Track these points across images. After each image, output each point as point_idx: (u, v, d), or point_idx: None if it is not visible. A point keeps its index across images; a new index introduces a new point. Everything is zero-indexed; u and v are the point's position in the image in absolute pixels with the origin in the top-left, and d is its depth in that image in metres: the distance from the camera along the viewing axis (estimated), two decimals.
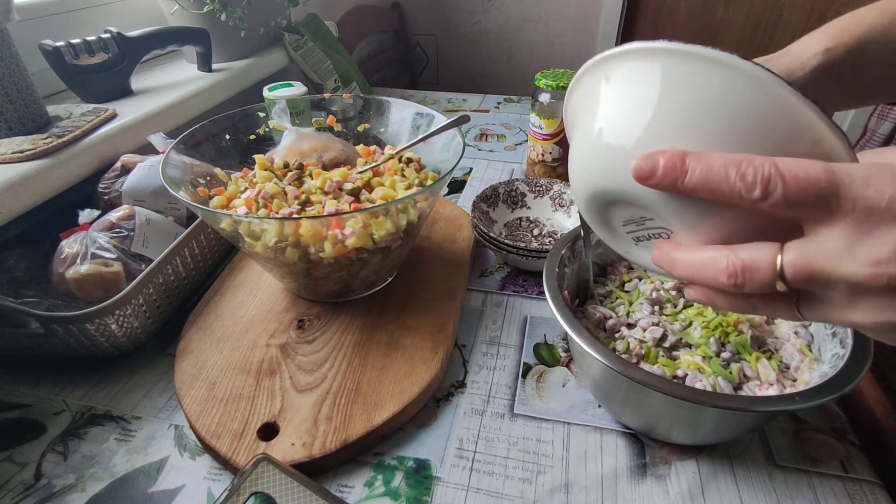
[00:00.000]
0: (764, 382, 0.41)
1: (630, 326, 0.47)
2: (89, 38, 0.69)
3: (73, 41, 0.67)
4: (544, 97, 0.75)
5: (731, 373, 0.42)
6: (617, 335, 0.47)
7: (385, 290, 0.57)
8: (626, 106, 0.25)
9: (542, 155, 0.79)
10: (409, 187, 0.52)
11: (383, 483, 0.42)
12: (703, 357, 0.43)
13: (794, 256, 0.21)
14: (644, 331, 0.46)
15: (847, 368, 0.36)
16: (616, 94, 0.26)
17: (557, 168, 0.80)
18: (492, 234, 0.61)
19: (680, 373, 0.42)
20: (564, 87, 0.73)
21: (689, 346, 0.45)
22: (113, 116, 0.66)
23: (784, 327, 0.46)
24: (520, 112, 1.13)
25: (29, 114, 0.59)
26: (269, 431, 0.43)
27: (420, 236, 0.66)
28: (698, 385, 0.41)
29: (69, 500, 0.40)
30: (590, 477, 0.42)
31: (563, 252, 0.49)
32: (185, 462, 0.43)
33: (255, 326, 0.53)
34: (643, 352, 0.44)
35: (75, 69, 0.68)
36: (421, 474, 0.42)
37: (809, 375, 0.40)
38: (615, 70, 0.26)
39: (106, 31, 0.71)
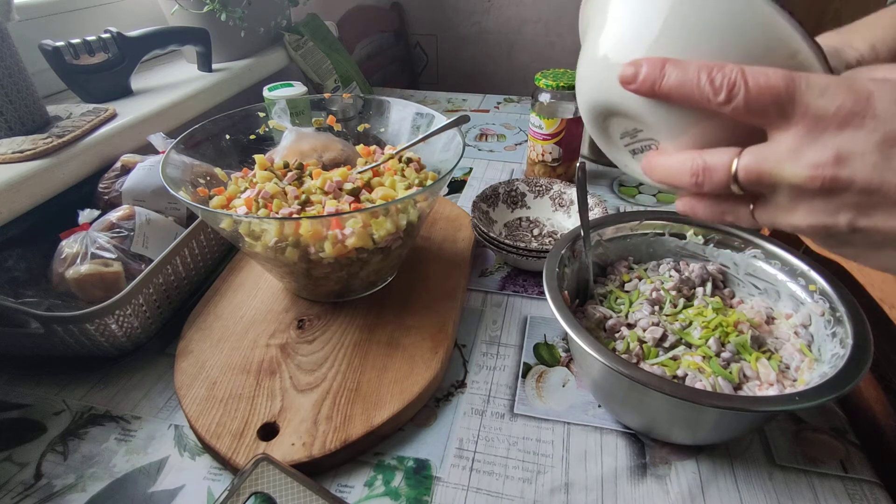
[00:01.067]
0: (764, 382, 0.41)
1: (630, 326, 0.47)
2: (89, 38, 0.69)
3: (73, 41, 0.67)
4: (544, 97, 0.75)
5: (731, 373, 0.42)
6: (617, 335, 0.46)
7: (385, 290, 0.57)
8: (624, 23, 0.28)
9: (542, 155, 0.79)
10: (409, 187, 0.52)
11: (383, 483, 0.42)
12: (703, 357, 0.43)
13: (747, 160, 0.24)
14: (644, 331, 0.45)
15: (847, 368, 0.36)
16: (616, 11, 0.28)
17: (557, 168, 0.80)
18: (492, 234, 0.61)
19: (680, 373, 0.42)
20: (564, 88, 0.73)
21: (689, 345, 0.45)
22: (113, 116, 0.66)
23: (784, 327, 0.46)
24: (520, 112, 1.13)
25: (29, 114, 0.59)
26: (269, 431, 0.43)
27: (420, 236, 0.66)
28: (698, 385, 0.41)
29: (69, 500, 0.40)
30: (590, 477, 0.42)
31: (563, 252, 0.49)
32: (185, 462, 0.43)
33: (255, 326, 0.53)
34: (643, 352, 0.44)
35: (75, 69, 0.68)
36: (421, 474, 0.42)
37: (809, 375, 0.40)
38: None
39: (106, 31, 0.71)
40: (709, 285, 0.50)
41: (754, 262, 0.50)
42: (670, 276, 0.51)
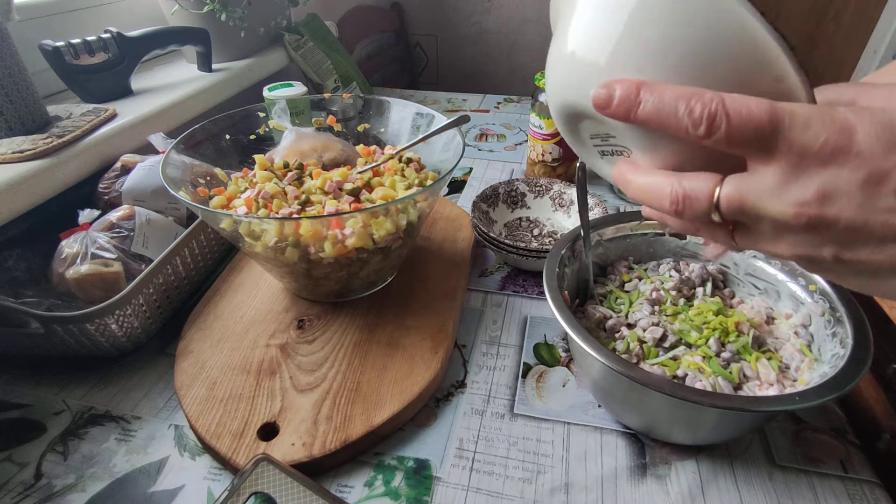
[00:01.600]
0: (764, 382, 0.41)
1: (630, 326, 0.47)
2: (89, 38, 0.69)
3: (73, 41, 0.67)
4: (544, 97, 0.75)
5: (731, 373, 0.41)
6: (617, 335, 0.47)
7: (385, 290, 0.57)
8: (597, 23, 0.25)
9: (542, 155, 0.79)
10: (409, 187, 0.52)
11: (383, 483, 0.42)
12: (703, 357, 0.43)
13: (729, 190, 0.23)
14: (644, 331, 0.45)
15: (847, 368, 0.36)
16: (589, 8, 0.26)
17: (557, 168, 0.80)
18: (492, 234, 0.61)
19: (680, 373, 0.42)
20: None
21: (689, 345, 0.45)
22: (113, 116, 0.66)
23: (784, 328, 0.46)
24: (520, 112, 1.13)
25: (29, 114, 0.59)
26: (269, 431, 0.43)
27: (420, 236, 0.66)
28: (698, 385, 0.41)
29: (69, 500, 0.40)
30: (590, 477, 0.42)
31: (563, 252, 0.49)
32: (185, 462, 0.43)
33: (255, 326, 0.53)
34: (643, 352, 0.44)
35: (75, 69, 0.68)
36: (421, 474, 0.42)
37: (809, 375, 0.40)
38: None
39: (106, 31, 0.71)
40: (709, 285, 0.50)
41: (754, 262, 0.50)
42: (670, 276, 0.51)
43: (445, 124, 0.55)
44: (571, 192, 0.71)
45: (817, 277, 0.45)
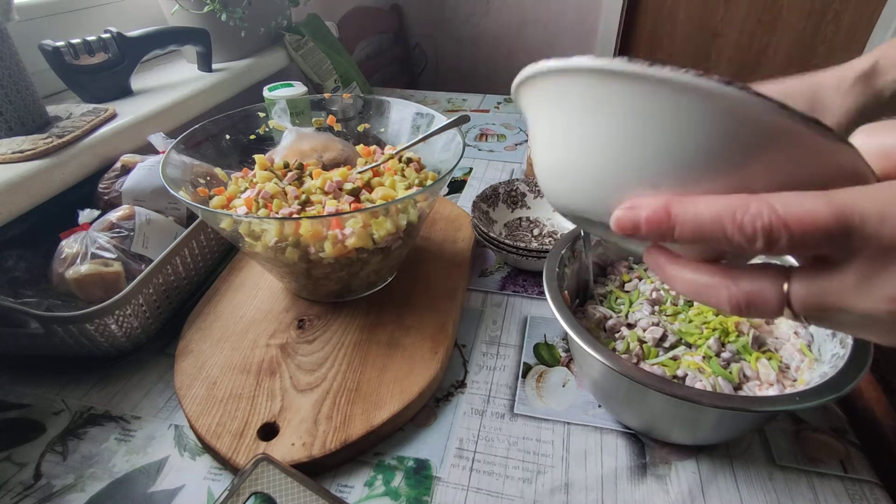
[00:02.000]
0: (764, 382, 0.41)
1: (630, 326, 0.47)
2: (89, 38, 0.69)
3: (73, 41, 0.67)
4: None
5: (731, 373, 0.41)
6: (617, 335, 0.46)
7: (385, 290, 0.57)
8: (597, 132, 0.21)
9: None
10: (409, 187, 0.52)
11: (383, 483, 0.42)
12: (704, 357, 0.43)
13: (804, 292, 0.20)
14: (644, 331, 0.45)
15: (847, 368, 0.36)
16: (583, 116, 0.22)
17: None
18: (492, 234, 0.61)
19: (680, 373, 0.42)
20: None
21: (689, 345, 0.45)
22: (113, 116, 0.66)
23: (784, 327, 0.46)
24: (520, 112, 1.13)
25: (29, 114, 0.59)
26: (269, 431, 0.43)
27: (420, 236, 0.66)
28: (698, 385, 0.41)
29: (69, 500, 0.40)
30: (590, 477, 0.42)
31: (563, 252, 0.49)
32: (185, 462, 0.43)
33: (255, 326, 0.53)
34: (643, 352, 0.44)
35: (75, 69, 0.68)
36: (421, 474, 0.42)
37: (810, 375, 0.40)
38: (572, 86, 0.22)
39: (106, 31, 0.71)
40: None
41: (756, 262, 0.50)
42: None
43: (445, 124, 0.55)
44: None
45: None
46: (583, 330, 0.40)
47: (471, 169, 0.90)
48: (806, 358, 0.42)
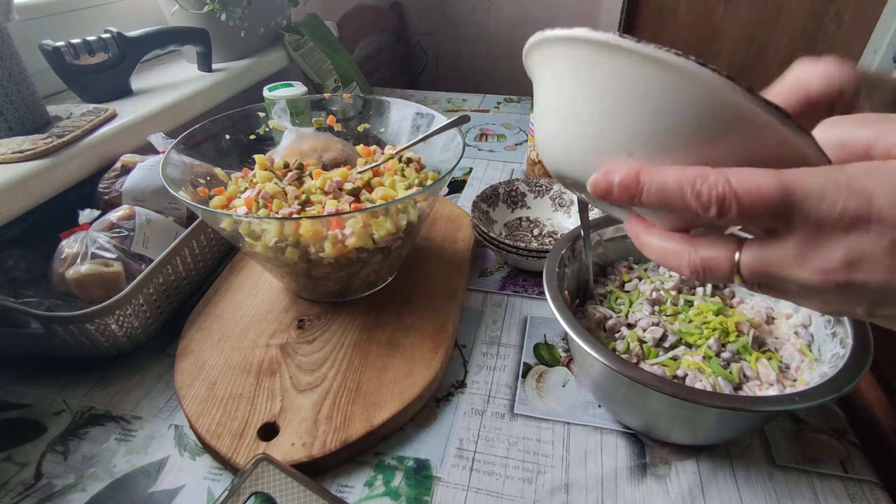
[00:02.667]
0: (764, 382, 0.41)
1: (630, 326, 0.47)
2: (89, 38, 0.69)
3: (73, 41, 0.67)
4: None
5: (731, 373, 0.41)
6: (617, 335, 0.46)
7: (385, 290, 0.57)
8: (582, 101, 0.24)
9: None
10: (409, 187, 0.52)
11: (383, 483, 0.42)
12: (704, 357, 0.43)
13: (750, 259, 0.22)
14: (644, 331, 0.45)
15: (847, 368, 0.36)
16: (573, 84, 0.24)
17: None
18: (492, 235, 0.61)
19: (680, 373, 0.42)
20: None
21: (690, 346, 0.45)
22: (113, 116, 0.66)
23: (784, 328, 0.46)
24: (520, 112, 1.13)
25: (29, 114, 0.59)
26: (269, 431, 0.43)
27: (420, 236, 0.66)
28: (698, 385, 0.41)
29: (69, 500, 0.40)
30: (590, 477, 0.42)
31: (563, 252, 0.49)
32: (185, 462, 0.43)
33: (255, 326, 0.53)
34: (643, 352, 0.44)
35: (75, 69, 0.68)
36: (421, 474, 0.42)
37: (810, 375, 0.40)
38: (567, 56, 0.24)
39: (106, 31, 0.71)
40: (709, 285, 0.50)
41: None
42: (670, 277, 0.51)
43: (445, 124, 0.55)
44: (571, 193, 0.71)
45: None
46: (583, 330, 0.40)
47: (471, 169, 0.90)
48: (806, 358, 0.42)
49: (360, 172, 0.54)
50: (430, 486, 0.41)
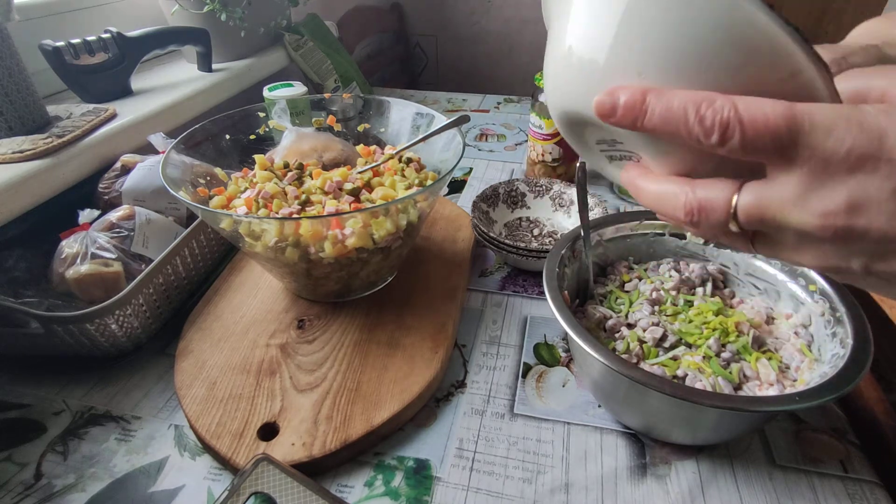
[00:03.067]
0: (764, 382, 0.41)
1: (630, 326, 0.47)
2: (89, 38, 0.69)
3: (73, 41, 0.67)
4: (544, 97, 0.75)
5: (730, 373, 0.42)
6: (617, 335, 0.47)
7: (385, 290, 0.57)
8: (592, 23, 0.23)
9: (542, 155, 0.79)
10: (409, 187, 0.52)
11: (383, 483, 0.42)
12: (704, 357, 0.43)
13: (748, 200, 0.21)
14: (644, 331, 0.45)
15: (847, 369, 0.36)
16: (583, 7, 0.24)
17: (557, 168, 0.80)
18: (492, 235, 0.61)
19: (680, 372, 0.42)
20: None
21: (690, 346, 0.45)
22: (113, 116, 0.66)
23: (784, 328, 0.46)
24: (520, 112, 1.13)
25: (29, 114, 0.59)
26: (269, 431, 0.43)
27: (420, 236, 0.66)
28: (698, 385, 0.41)
29: (69, 500, 0.40)
30: (590, 477, 0.42)
31: (562, 252, 0.49)
32: (185, 462, 0.43)
33: (255, 326, 0.53)
34: (643, 352, 0.44)
35: (75, 69, 0.68)
36: (421, 474, 0.42)
37: (810, 375, 0.40)
38: None
39: (106, 31, 0.71)
40: (709, 285, 0.50)
41: (754, 262, 0.50)
42: (670, 277, 0.51)
43: (445, 124, 0.55)
44: (571, 192, 0.71)
45: (817, 277, 0.44)
46: (583, 330, 0.40)
47: (471, 169, 0.90)
48: (806, 358, 0.42)
49: (360, 172, 0.54)
50: (430, 486, 0.41)
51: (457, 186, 0.85)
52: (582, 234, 0.50)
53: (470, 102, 1.19)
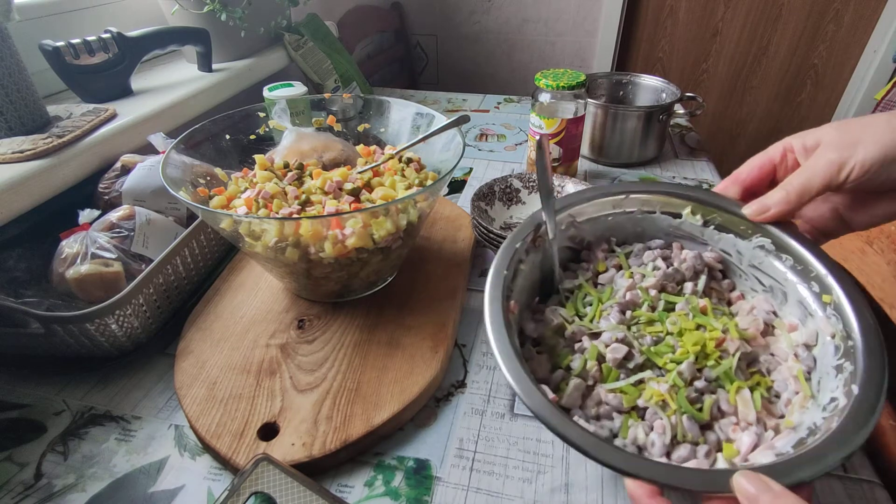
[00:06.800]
0: (741, 421, 0.34)
1: (595, 336, 0.39)
2: (89, 38, 0.69)
3: (73, 41, 0.67)
4: (544, 97, 0.75)
5: (701, 408, 0.34)
6: (577, 346, 0.39)
7: (385, 290, 0.57)
8: None
9: None
10: (409, 187, 0.52)
11: (383, 483, 0.42)
12: (673, 386, 0.35)
13: None
14: (607, 346, 0.37)
15: (832, 441, 0.28)
16: None
17: (557, 168, 0.80)
18: (493, 231, 0.61)
19: (641, 403, 0.35)
20: (564, 87, 0.73)
21: (661, 367, 0.37)
22: (113, 116, 0.66)
23: (783, 344, 0.38)
24: (520, 112, 1.13)
25: (29, 114, 0.60)
26: (269, 431, 0.43)
27: (420, 236, 0.66)
28: (657, 423, 0.34)
29: (69, 500, 0.40)
30: (590, 477, 0.42)
31: (517, 245, 0.40)
32: (185, 462, 0.43)
33: (255, 326, 0.53)
34: (602, 373, 0.37)
35: (75, 69, 0.68)
36: (421, 474, 0.42)
37: (799, 417, 0.33)
38: None
39: (106, 31, 0.71)
40: (702, 280, 0.42)
41: (760, 254, 0.40)
42: (654, 270, 0.42)
43: (445, 124, 0.55)
44: (567, 186, 0.70)
45: (835, 284, 0.35)
46: (509, 348, 0.33)
47: (471, 169, 0.90)
48: (801, 391, 0.34)
49: (360, 172, 0.54)
50: (430, 486, 0.41)
51: (457, 186, 0.85)
52: (545, 217, 0.41)
53: (470, 102, 1.19)
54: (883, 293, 0.59)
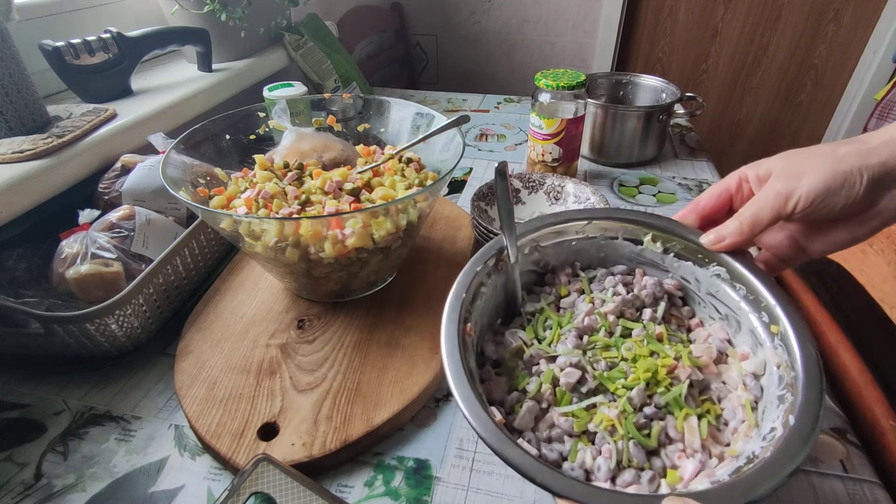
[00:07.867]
0: (687, 448, 0.34)
1: (552, 359, 0.39)
2: (89, 38, 0.69)
3: (73, 41, 0.67)
4: (544, 97, 0.75)
5: (648, 434, 0.35)
6: (535, 369, 0.39)
7: (385, 290, 0.57)
8: None
9: (542, 155, 0.79)
10: (409, 187, 0.52)
11: (383, 483, 0.42)
12: (622, 412, 0.35)
13: None
14: (562, 370, 0.38)
15: (765, 470, 0.28)
16: None
17: (557, 168, 0.80)
18: (493, 230, 0.61)
19: (591, 427, 0.35)
20: (564, 88, 0.73)
21: (613, 392, 0.37)
22: (113, 116, 0.66)
23: (734, 373, 0.38)
24: (520, 112, 1.13)
25: (29, 114, 0.60)
26: (269, 431, 0.43)
27: (420, 236, 0.66)
28: (605, 448, 0.34)
29: (69, 500, 0.40)
30: None
31: (477, 269, 0.40)
32: (185, 462, 0.43)
33: (255, 326, 0.53)
34: (555, 397, 0.37)
35: (75, 69, 0.68)
36: (421, 474, 0.42)
37: (743, 446, 0.33)
38: None
39: (106, 31, 0.71)
40: (661, 306, 0.42)
41: (717, 282, 0.41)
42: (613, 296, 0.42)
43: (445, 124, 0.55)
44: (566, 185, 0.70)
45: (781, 315, 0.36)
46: (462, 376, 0.33)
47: (471, 169, 0.90)
48: (747, 419, 0.35)
49: (360, 172, 0.54)
50: (430, 486, 0.41)
51: (457, 186, 0.85)
52: (506, 241, 0.41)
53: (470, 102, 1.19)
54: (883, 293, 0.59)
